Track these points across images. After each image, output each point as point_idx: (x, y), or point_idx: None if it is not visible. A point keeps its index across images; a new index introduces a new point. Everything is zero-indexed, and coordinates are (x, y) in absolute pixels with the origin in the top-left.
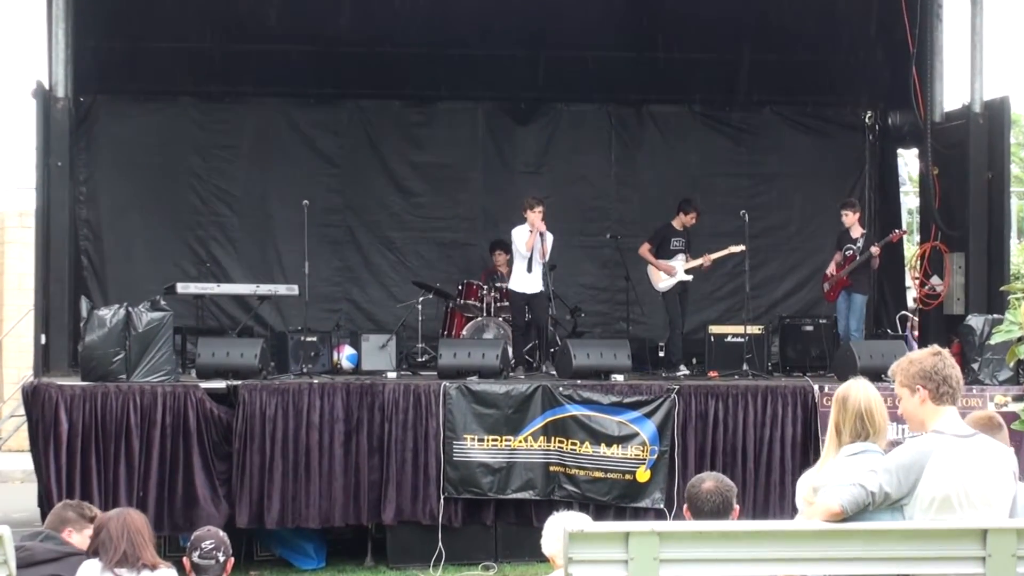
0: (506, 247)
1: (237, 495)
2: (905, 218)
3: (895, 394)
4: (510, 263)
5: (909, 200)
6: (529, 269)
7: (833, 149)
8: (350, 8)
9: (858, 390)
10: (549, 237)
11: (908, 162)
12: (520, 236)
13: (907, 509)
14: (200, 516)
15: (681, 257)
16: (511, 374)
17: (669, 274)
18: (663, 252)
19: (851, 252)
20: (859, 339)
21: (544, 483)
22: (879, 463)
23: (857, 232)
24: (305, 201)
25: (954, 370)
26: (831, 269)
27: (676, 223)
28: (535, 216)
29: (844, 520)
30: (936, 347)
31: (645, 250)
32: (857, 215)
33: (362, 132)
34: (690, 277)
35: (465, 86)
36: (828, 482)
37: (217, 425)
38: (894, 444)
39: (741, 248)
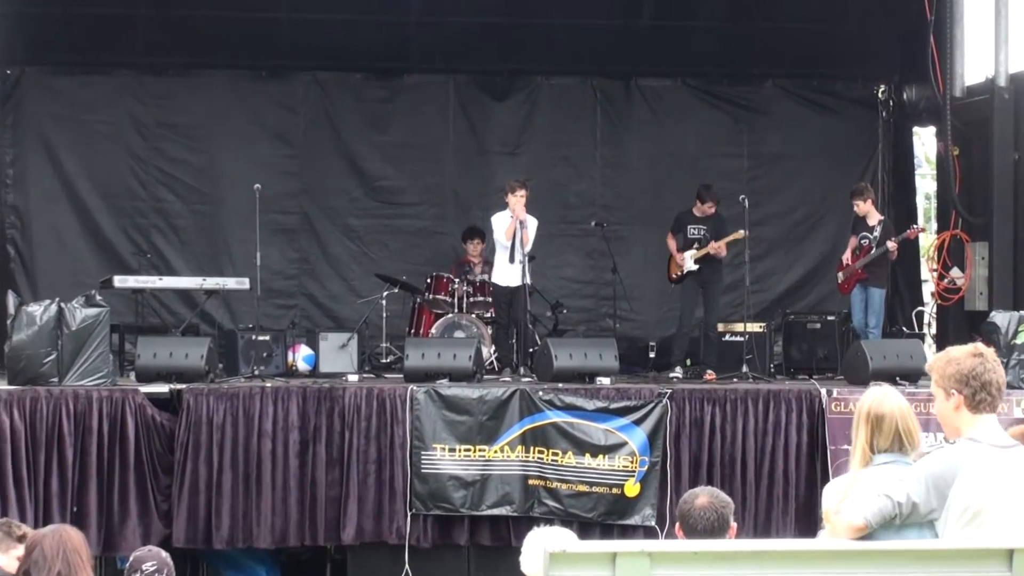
0: (480, 235)
1: (181, 511)
2: (922, 204)
3: (930, 395)
4: (484, 253)
5: (926, 184)
6: (511, 259)
7: (842, 127)
8: None
9: (893, 405)
10: (532, 223)
11: (925, 142)
12: (500, 223)
13: (938, 524)
14: (140, 534)
15: (696, 247)
16: (494, 377)
17: (680, 264)
18: (685, 241)
19: (867, 242)
20: (876, 338)
21: (522, 498)
22: (908, 472)
23: (874, 219)
24: (257, 185)
25: (995, 375)
26: (846, 257)
27: (695, 209)
28: (517, 201)
29: (869, 535)
30: (979, 346)
31: (669, 239)
32: (870, 202)
33: (320, 109)
34: (696, 267)
35: (435, 57)
36: (856, 492)
37: (159, 433)
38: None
39: (742, 234)
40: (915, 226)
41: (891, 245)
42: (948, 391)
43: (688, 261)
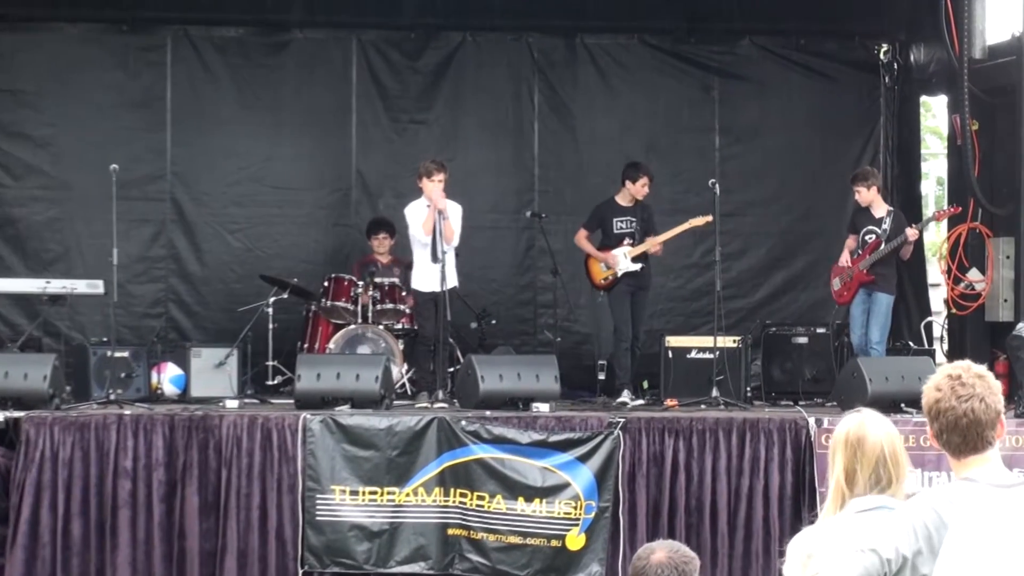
0: (388, 229)
1: (16, 568)
2: (932, 190)
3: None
4: (394, 251)
5: (937, 166)
6: (435, 258)
7: (836, 96)
8: None
9: (877, 429)
10: (455, 210)
11: (937, 114)
12: (415, 215)
13: None
14: None
15: (626, 243)
16: (407, 403)
17: (609, 266)
18: (610, 238)
19: (874, 237)
20: (879, 355)
21: (440, 552)
22: (894, 518)
23: (881, 210)
24: (113, 166)
25: (964, 407)
26: (844, 259)
27: (621, 197)
28: (434, 186)
29: None
30: (958, 366)
31: (581, 237)
32: (875, 189)
33: (192, 71)
34: (637, 267)
35: (335, 8)
36: (830, 547)
37: None
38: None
39: (706, 220)
40: (945, 208)
41: (911, 232)
42: (928, 424)
43: (623, 260)
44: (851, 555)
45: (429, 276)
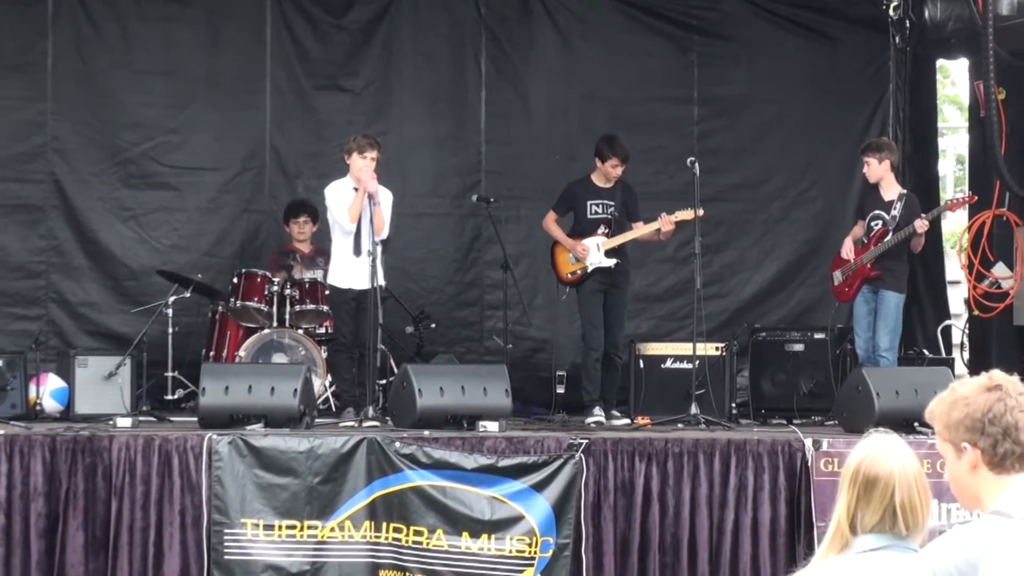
0: (311, 212)
1: None
2: (951, 170)
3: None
4: (317, 240)
5: (958, 141)
6: (357, 251)
7: (837, 59)
8: None
9: (894, 465)
10: (387, 197)
11: (956, 80)
12: (338, 198)
13: None
14: None
15: (600, 232)
16: (331, 422)
17: (579, 257)
18: (582, 224)
19: (880, 225)
20: (889, 364)
21: None
22: (911, 563)
23: (892, 192)
24: None
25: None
26: (847, 249)
27: (597, 177)
28: (365, 165)
29: None
30: (995, 376)
31: (550, 221)
32: (887, 164)
33: (77, 29)
34: (611, 263)
35: None
36: None
37: None
38: (931, 532)
39: (693, 214)
40: (961, 194)
41: (920, 224)
42: (958, 446)
43: (594, 253)
44: None
45: (349, 271)
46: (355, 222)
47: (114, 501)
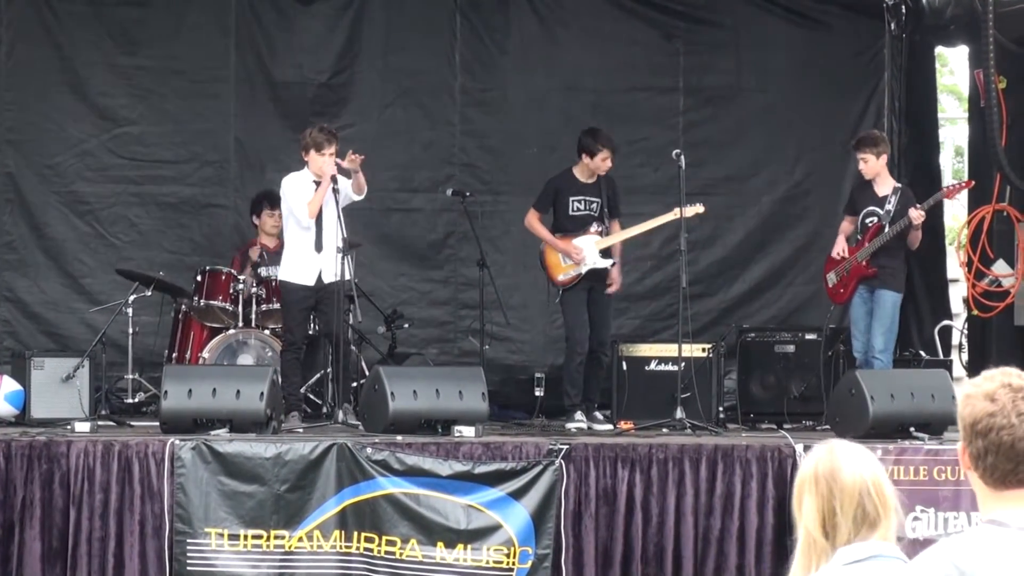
0: (279, 204)
1: None
2: (950, 162)
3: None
4: (283, 235)
5: (956, 132)
6: (318, 247)
7: (829, 48)
8: None
9: (852, 460)
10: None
11: (955, 69)
12: (296, 191)
13: None
14: None
15: (594, 230)
16: (284, 426)
17: (571, 257)
18: (563, 222)
19: (875, 221)
20: (884, 366)
21: None
22: (903, 573)
23: (886, 187)
24: None
25: (1018, 431)
26: (839, 248)
27: (580, 171)
28: (323, 160)
29: None
30: (1011, 372)
31: (533, 220)
32: (884, 159)
33: (31, 14)
34: (608, 263)
35: None
36: None
37: None
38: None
39: (697, 210)
40: (955, 182)
41: (914, 213)
42: (964, 440)
43: (591, 252)
44: None
45: (304, 267)
46: (313, 217)
47: (72, 510)
